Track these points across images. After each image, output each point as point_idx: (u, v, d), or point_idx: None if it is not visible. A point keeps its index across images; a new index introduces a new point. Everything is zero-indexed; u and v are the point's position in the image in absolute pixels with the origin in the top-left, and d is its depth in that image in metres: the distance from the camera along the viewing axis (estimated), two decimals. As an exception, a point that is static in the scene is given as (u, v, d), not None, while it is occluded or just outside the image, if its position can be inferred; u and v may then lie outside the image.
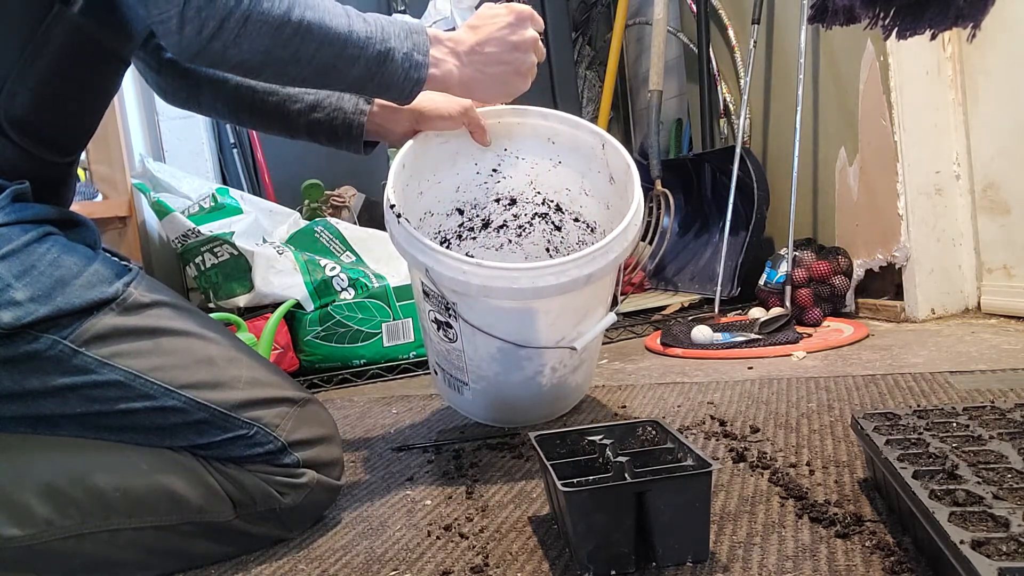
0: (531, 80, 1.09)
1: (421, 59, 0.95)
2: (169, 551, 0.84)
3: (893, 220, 1.77)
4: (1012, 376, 1.25)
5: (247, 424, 0.85)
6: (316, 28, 0.86)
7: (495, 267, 1.04)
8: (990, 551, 0.56)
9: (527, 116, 1.25)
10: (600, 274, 1.07)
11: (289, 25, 0.83)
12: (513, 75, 1.06)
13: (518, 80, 1.07)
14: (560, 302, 1.09)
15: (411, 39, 0.95)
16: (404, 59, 0.94)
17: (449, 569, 0.78)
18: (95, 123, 0.94)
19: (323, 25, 0.86)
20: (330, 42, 0.87)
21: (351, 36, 0.89)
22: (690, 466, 0.76)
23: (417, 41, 0.95)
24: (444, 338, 1.18)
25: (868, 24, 1.10)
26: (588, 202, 1.31)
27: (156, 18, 0.79)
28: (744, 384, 1.39)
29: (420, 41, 0.96)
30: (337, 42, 0.88)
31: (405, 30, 0.95)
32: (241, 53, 0.83)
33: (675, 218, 2.44)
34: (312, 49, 0.86)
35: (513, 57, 1.04)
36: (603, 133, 1.23)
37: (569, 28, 2.75)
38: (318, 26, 0.86)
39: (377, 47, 0.91)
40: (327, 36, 0.87)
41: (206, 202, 1.93)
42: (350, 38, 0.89)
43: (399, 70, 0.94)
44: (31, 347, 0.78)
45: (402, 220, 1.08)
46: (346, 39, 0.88)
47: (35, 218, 0.82)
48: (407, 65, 0.94)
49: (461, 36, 1.02)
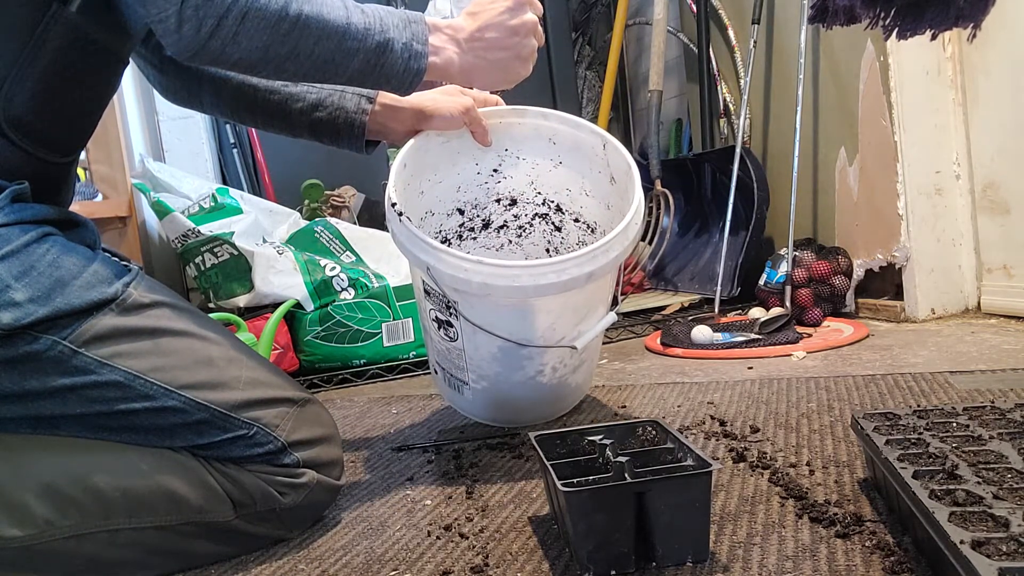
0: (532, 65, 1.08)
1: (420, 48, 0.95)
2: (169, 551, 0.84)
3: (893, 220, 1.77)
4: (1012, 376, 1.25)
5: (247, 424, 0.85)
6: (314, 22, 0.86)
7: (496, 264, 1.04)
8: (990, 551, 0.56)
9: (528, 116, 1.25)
10: (601, 272, 1.07)
11: (287, 20, 0.84)
12: (514, 60, 1.05)
13: (519, 65, 1.06)
14: (560, 301, 1.09)
15: (410, 28, 0.95)
16: (404, 49, 0.94)
17: (449, 569, 0.78)
18: (94, 123, 0.94)
19: (321, 18, 0.86)
20: (328, 35, 0.87)
21: (349, 28, 0.89)
22: (690, 466, 0.76)
23: (416, 30, 0.95)
24: (445, 337, 1.18)
25: (868, 24, 1.10)
26: (588, 202, 1.31)
27: (154, 17, 0.79)
28: (744, 384, 1.39)
29: (419, 30, 0.96)
30: (335, 35, 0.88)
31: (404, 20, 0.95)
32: (240, 51, 0.83)
33: (675, 218, 2.44)
34: (311, 43, 0.87)
35: (513, 42, 1.04)
36: (604, 133, 1.23)
37: (569, 28, 2.75)
38: (316, 19, 0.86)
39: (376, 38, 0.91)
40: (325, 29, 0.87)
41: (206, 202, 1.93)
42: (348, 30, 0.89)
43: (399, 60, 0.94)
44: (31, 348, 0.78)
45: (404, 219, 1.08)
46: (344, 31, 0.89)
47: (34, 219, 0.82)
48: (407, 55, 0.94)
49: (460, 23, 1.02)
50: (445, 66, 0.99)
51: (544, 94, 2.58)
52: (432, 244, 1.06)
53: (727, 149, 2.16)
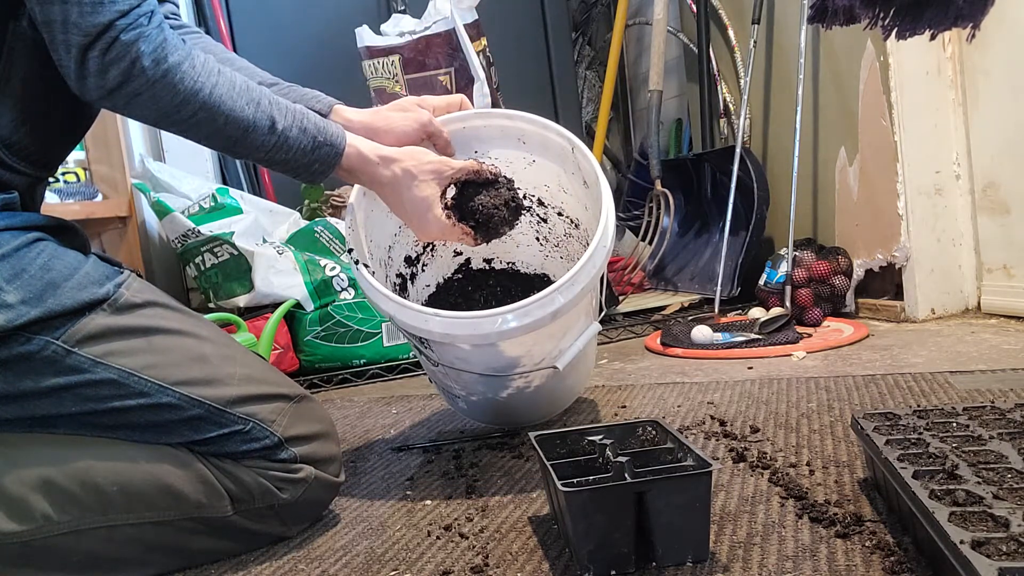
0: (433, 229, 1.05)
1: (322, 168, 0.95)
2: (168, 547, 0.84)
3: (893, 220, 1.77)
4: (1012, 376, 1.25)
5: (243, 420, 0.85)
6: (220, 117, 0.85)
7: (455, 316, 1.02)
8: (990, 551, 0.56)
9: (491, 118, 1.22)
10: (568, 307, 1.03)
11: (189, 105, 0.83)
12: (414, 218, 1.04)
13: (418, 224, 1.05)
14: (532, 335, 1.06)
15: (317, 153, 0.93)
16: (303, 168, 0.94)
17: (449, 569, 0.78)
18: (77, 138, 0.94)
19: (230, 116, 0.85)
20: (232, 130, 0.87)
21: (255, 130, 0.88)
22: (690, 466, 0.76)
23: (321, 155, 0.94)
24: (427, 360, 1.17)
25: (868, 24, 1.10)
26: (568, 199, 1.28)
27: (56, 60, 0.79)
28: (744, 384, 1.39)
29: (325, 155, 0.95)
30: (239, 131, 0.87)
31: (312, 144, 0.93)
32: (138, 114, 0.83)
33: (675, 218, 2.44)
34: (212, 129, 0.86)
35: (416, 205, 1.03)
36: (571, 137, 1.18)
37: (569, 28, 2.75)
38: (223, 114, 0.85)
39: (277, 156, 0.91)
40: (229, 124, 0.86)
41: (206, 202, 1.93)
42: (254, 131, 0.88)
43: (302, 173, 0.94)
44: (24, 349, 0.78)
45: (360, 267, 1.07)
46: (249, 130, 0.87)
47: (24, 224, 0.82)
48: (308, 172, 0.95)
49: (390, 156, 1.01)
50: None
51: (544, 94, 2.58)
52: (390, 297, 1.04)
53: (727, 149, 2.16)
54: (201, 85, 0.82)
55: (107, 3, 0.75)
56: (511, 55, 2.45)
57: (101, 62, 0.76)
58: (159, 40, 0.78)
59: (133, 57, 0.77)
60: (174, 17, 1.07)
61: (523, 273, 1.41)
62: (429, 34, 1.88)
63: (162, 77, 0.79)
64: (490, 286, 1.40)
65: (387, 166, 1.00)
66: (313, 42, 2.36)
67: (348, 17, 2.27)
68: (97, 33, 0.75)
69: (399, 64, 1.93)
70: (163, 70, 0.79)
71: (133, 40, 0.76)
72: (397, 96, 1.90)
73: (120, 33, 0.76)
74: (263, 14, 2.33)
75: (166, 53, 0.79)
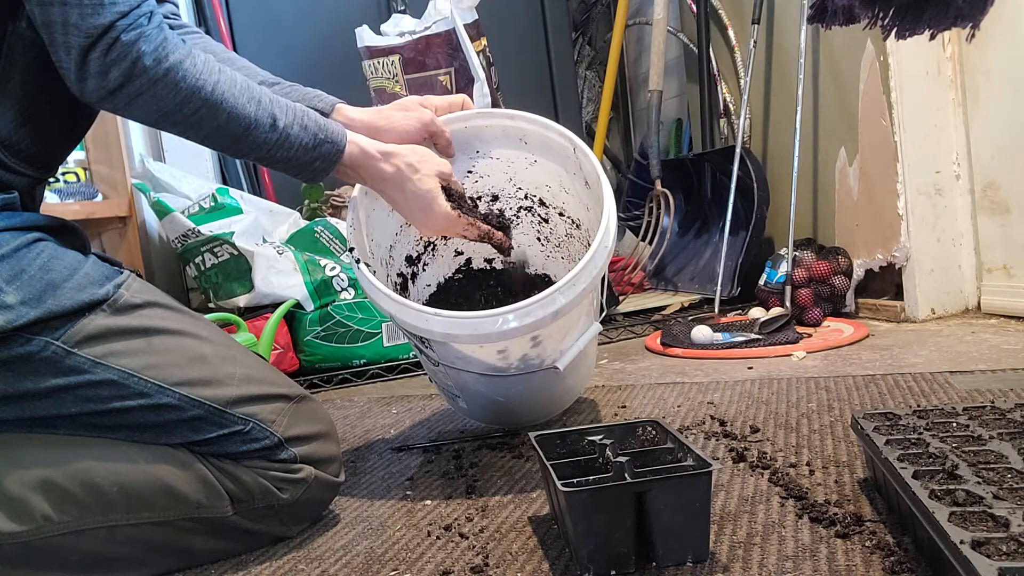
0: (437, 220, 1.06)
1: (323, 166, 0.95)
2: (168, 547, 0.84)
3: (893, 220, 1.77)
4: (1012, 376, 1.25)
5: (242, 420, 0.85)
6: (223, 116, 0.85)
7: (456, 316, 1.02)
8: (990, 551, 0.56)
9: (493, 118, 1.22)
10: (569, 307, 1.03)
11: (191, 103, 0.82)
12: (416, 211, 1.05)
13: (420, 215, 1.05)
14: (532, 335, 1.06)
15: (318, 150, 0.93)
16: (304, 166, 0.94)
17: (449, 569, 0.78)
18: (77, 139, 0.94)
19: (232, 113, 0.85)
20: (234, 127, 0.86)
21: (257, 127, 0.88)
22: (690, 466, 0.76)
23: (323, 152, 0.94)
24: (428, 360, 1.17)
25: (868, 24, 1.10)
26: (570, 199, 1.28)
27: (56, 62, 0.78)
28: (744, 384, 1.39)
29: (327, 152, 0.94)
30: (241, 128, 0.87)
31: (314, 140, 0.93)
32: (138, 115, 0.82)
33: (675, 218, 2.44)
34: (214, 126, 0.86)
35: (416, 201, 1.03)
36: (573, 137, 1.18)
37: (569, 28, 2.75)
38: (225, 113, 0.85)
39: (278, 154, 0.91)
40: (231, 122, 0.86)
41: (206, 202, 1.93)
42: (256, 128, 0.88)
43: (303, 171, 0.94)
44: (24, 349, 0.78)
45: (361, 266, 1.07)
46: (251, 128, 0.87)
47: (24, 225, 0.82)
48: (310, 170, 0.94)
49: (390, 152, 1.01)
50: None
51: (544, 94, 2.59)
52: (391, 296, 1.04)
53: (727, 149, 2.16)
54: (203, 83, 0.82)
55: (107, 4, 0.75)
56: (511, 55, 2.45)
57: (102, 63, 0.76)
58: (159, 39, 0.78)
59: (134, 57, 0.77)
60: (174, 17, 1.07)
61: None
62: (429, 34, 1.88)
63: (164, 76, 0.79)
64: (491, 286, 1.40)
65: (389, 160, 1.00)
66: (313, 42, 2.36)
67: (348, 17, 2.27)
68: (98, 34, 0.75)
69: (399, 64, 1.93)
70: (164, 69, 0.79)
71: (134, 40, 0.76)
72: (397, 96, 1.90)
73: (121, 34, 0.76)
74: (263, 14, 2.33)
75: (167, 52, 0.79)
